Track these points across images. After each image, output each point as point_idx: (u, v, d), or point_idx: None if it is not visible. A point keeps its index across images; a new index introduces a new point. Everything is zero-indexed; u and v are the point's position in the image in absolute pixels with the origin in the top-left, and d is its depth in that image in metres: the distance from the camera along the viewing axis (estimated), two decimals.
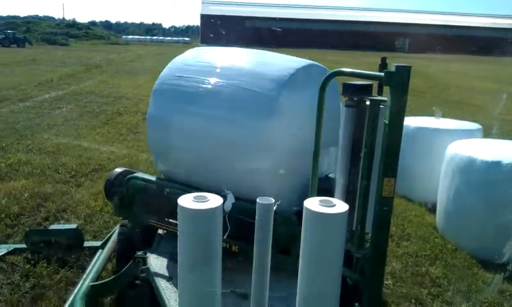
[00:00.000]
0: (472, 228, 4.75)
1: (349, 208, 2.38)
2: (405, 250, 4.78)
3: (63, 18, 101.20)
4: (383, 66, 2.80)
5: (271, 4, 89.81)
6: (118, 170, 4.09)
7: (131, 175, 3.86)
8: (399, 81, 2.32)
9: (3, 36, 49.32)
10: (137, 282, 3.23)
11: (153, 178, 3.83)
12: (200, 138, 3.39)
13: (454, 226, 5.02)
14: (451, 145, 5.25)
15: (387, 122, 2.37)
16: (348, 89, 2.83)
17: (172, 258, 3.29)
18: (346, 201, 2.60)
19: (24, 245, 4.36)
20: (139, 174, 3.89)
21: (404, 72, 2.32)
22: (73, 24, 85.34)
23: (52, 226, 4.83)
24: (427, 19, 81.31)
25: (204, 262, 2.35)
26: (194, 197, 2.39)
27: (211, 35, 66.91)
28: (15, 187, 6.03)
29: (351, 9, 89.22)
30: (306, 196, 3.13)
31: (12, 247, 4.40)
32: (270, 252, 2.38)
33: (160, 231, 3.76)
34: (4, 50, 41.56)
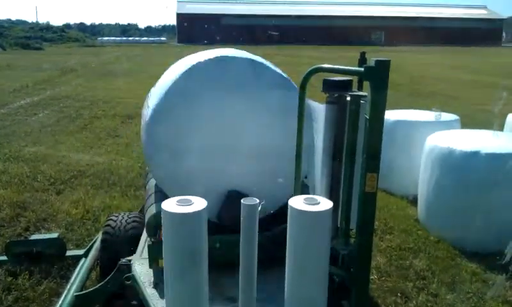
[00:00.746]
0: (453, 219, 4.81)
1: (333, 205, 2.39)
2: (388, 244, 4.82)
3: (37, 21, 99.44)
4: (363, 60, 2.81)
5: (246, 2, 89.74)
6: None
7: None
8: (379, 75, 2.32)
9: None
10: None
11: None
12: None
13: (435, 218, 5.08)
14: (430, 137, 5.31)
15: (368, 117, 2.37)
16: (328, 85, 2.83)
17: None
18: (330, 198, 2.61)
19: (4, 257, 4.26)
20: None
21: (383, 66, 2.32)
22: (47, 27, 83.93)
23: (33, 236, 4.72)
24: (401, 11, 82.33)
25: (190, 266, 2.33)
26: (178, 201, 2.36)
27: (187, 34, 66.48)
28: None
29: (326, 4, 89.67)
30: None
31: None
32: (256, 253, 2.37)
33: (144, 238, 3.71)
34: None
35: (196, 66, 3.19)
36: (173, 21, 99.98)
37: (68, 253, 4.38)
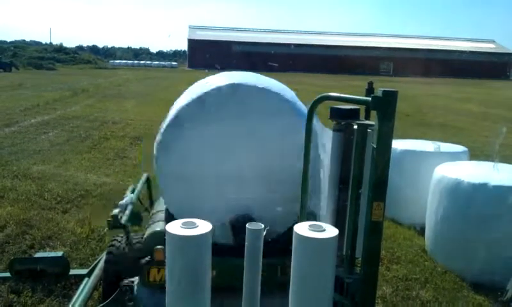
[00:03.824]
0: (460, 251, 4.76)
1: (339, 233, 2.38)
2: (395, 273, 4.77)
3: (50, 42, 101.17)
4: (370, 90, 2.82)
5: (257, 29, 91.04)
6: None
7: None
8: (386, 105, 2.34)
9: None
10: None
11: None
12: None
13: (442, 249, 5.04)
14: (438, 168, 5.30)
15: (375, 146, 2.38)
16: (335, 113, 2.84)
17: (160, 286, 3.23)
18: (336, 225, 2.59)
19: (8, 274, 4.26)
20: None
21: (391, 97, 2.34)
22: (60, 49, 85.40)
23: (37, 253, 4.75)
24: (411, 43, 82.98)
25: (193, 290, 2.32)
26: (183, 224, 2.36)
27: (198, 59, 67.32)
28: (0, 214, 5.92)
29: (338, 34, 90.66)
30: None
31: None
32: (260, 277, 2.36)
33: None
34: None
35: (206, 93, 3.24)
36: (184, 46, 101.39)
37: (72, 272, 4.38)
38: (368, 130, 2.66)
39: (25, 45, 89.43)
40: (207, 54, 69.75)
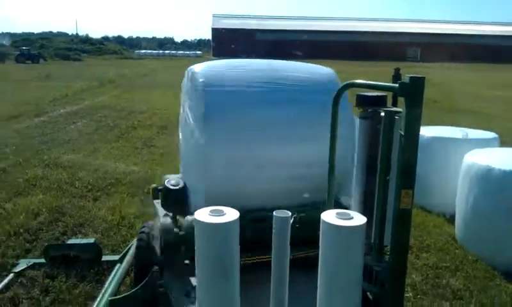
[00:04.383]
0: (491, 238, 4.68)
1: (367, 221, 2.37)
2: (425, 262, 4.72)
3: (77, 33, 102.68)
4: (397, 76, 2.79)
5: (281, 17, 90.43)
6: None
7: None
8: (413, 92, 2.30)
9: (18, 53, 50.54)
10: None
11: None
12: None
13: (473, 237, 4.96)
14: (468, 154, 5.20)
15: (403, 133, 2.36)
16: (362, 100, 2.82)
17: (190, 273, 3.29)
18: (363, 213, 2.58)
19: (42, 260, 4.41)
20: None
21: (418, 83, 2.30)
22: (86, 40, 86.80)
23: (70, 240, 4.88)
24: (438, 28, 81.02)
25: (222, 276, 2.35)
26: (211, 211, 2.40)
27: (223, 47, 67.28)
28: (33, 202, 6.10)
29: (363, 19, 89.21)
30: None
31: (31, 262, 4.45)
32: (288, 265, 2.38)
33: None
34: (20, 66, 42.31)
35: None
36: (208, 36, 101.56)
37: (104, 258, 4.49)
38: (396, 117, 2.63)
39: (52, 37, 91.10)
40: (231, 43, 69.73)
